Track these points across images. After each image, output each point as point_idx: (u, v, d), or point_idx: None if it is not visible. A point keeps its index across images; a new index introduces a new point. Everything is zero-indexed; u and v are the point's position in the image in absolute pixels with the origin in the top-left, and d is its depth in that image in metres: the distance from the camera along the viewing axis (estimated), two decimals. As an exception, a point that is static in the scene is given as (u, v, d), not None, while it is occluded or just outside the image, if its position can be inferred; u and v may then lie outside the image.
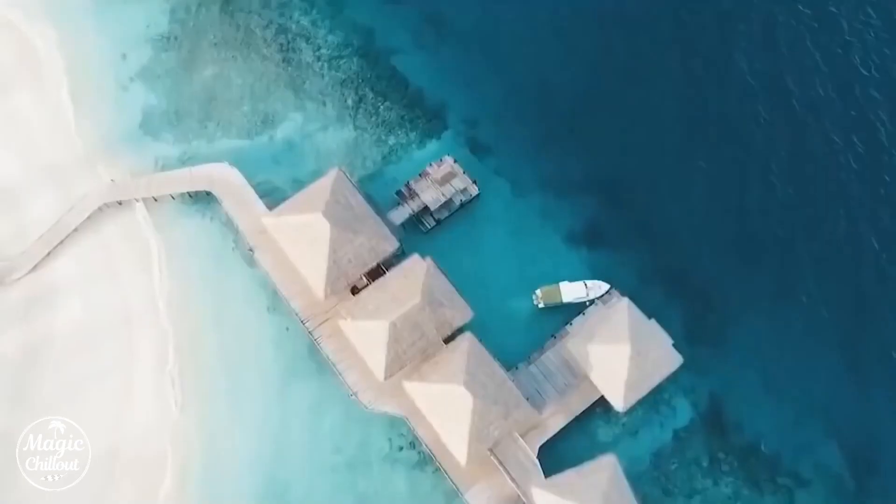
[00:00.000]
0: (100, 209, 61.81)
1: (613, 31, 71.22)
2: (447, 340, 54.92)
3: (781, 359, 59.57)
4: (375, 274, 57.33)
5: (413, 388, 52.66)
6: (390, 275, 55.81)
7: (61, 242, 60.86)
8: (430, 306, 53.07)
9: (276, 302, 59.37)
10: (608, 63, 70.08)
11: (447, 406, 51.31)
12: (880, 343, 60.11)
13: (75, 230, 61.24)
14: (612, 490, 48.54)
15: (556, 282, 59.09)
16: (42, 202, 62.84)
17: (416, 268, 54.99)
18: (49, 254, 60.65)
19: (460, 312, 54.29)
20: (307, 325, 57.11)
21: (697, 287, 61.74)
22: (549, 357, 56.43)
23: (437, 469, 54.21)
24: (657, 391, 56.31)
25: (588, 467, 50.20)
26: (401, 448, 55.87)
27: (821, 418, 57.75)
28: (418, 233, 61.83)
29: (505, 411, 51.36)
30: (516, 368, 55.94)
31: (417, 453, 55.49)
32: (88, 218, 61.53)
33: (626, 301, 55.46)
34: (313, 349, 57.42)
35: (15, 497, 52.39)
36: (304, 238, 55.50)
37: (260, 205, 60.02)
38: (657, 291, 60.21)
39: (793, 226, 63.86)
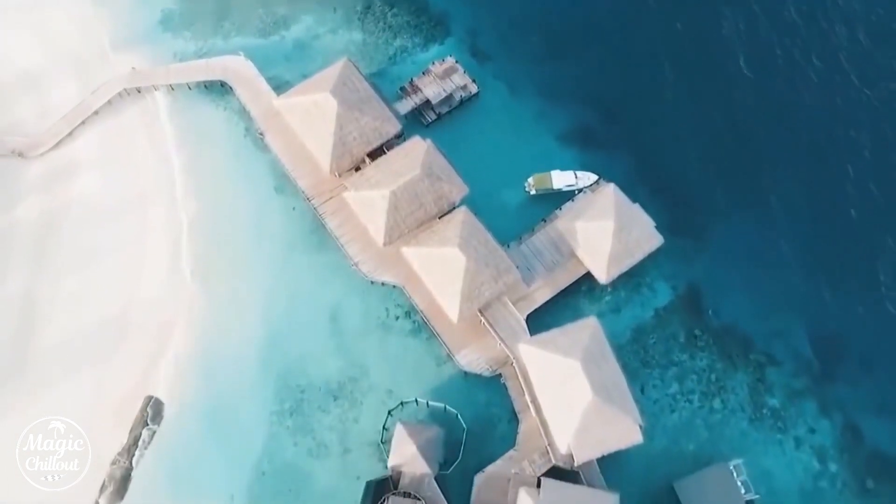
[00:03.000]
0: (119, 95, 65.40)
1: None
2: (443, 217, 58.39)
3: (758, 256, 62.58)
4: (378, 156, 60.67)
5: (410, 252, 55.97)
6: (392, 153, 59.20)
7: (83, 123, 64.46)
8: (428, 179, 56.47)
9: (283, 183, 62.81)
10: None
11: (441, 268, 54.60)
12: (851, 245, 63.55)
13: (96, 113, 64.82)
14: (592, 345, 51.76)
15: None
16: (63, 88, 66.65)
17: (417, 146, 58.39)
18: (71, 133, 64.27)
19: (457, 188, 57.58)
20: (313, 202, 60.58)
21: (681, 188, 65.02)
22: (539, 237, 59.65)
23: (431, 336, 57.58)
24: (639, 274, 59.98)
25: (571, 326, 53.34)
26: (397, 317, 59.05)
27: (793, 311, 60.71)
28: (420, 126, 65.30)
29: (496, 274, 54.65)
30: (507, 247, 58.99)
31: (412, 322, 58.69)
32: (109, 102, 65.12)
33: (612, 185, 58.92)
34: (317, 227, 60.80)
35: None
36: (312, 116, 58.98)
37: (271, 93, 63.49)
38: (643, 189, 62.94)
39: (771, 136, 67.38)
